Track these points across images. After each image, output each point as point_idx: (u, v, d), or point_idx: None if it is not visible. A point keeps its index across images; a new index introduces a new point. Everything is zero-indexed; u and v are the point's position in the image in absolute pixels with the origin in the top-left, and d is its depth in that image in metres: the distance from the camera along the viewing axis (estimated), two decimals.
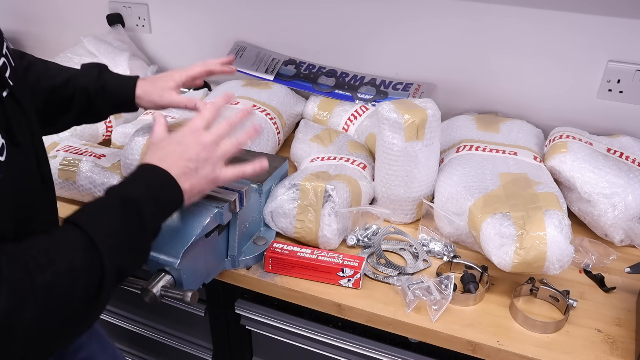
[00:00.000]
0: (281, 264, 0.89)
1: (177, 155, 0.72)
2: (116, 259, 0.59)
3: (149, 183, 0.68)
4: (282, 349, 1.03)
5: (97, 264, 0.57)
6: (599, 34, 1.10)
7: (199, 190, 0.74)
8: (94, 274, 0.57)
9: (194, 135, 0.75)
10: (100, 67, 0.92)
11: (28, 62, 0.88)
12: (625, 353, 0.77)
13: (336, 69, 1.36)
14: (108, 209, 0.63)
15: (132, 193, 0.65)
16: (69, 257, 0.56)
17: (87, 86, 0.89)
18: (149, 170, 0.70)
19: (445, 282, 0.84)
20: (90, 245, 0.58)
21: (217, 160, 0.75)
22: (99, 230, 0.59)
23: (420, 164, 0.96)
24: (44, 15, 1.67)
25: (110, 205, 0.63)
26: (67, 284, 0.54)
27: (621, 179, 0.93)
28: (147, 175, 0.69)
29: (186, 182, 0.71)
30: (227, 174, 0.77)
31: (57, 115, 0.90)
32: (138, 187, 0.67)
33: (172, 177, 0.70)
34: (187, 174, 0.71)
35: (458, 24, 1.20)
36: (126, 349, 1.33)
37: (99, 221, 0.61)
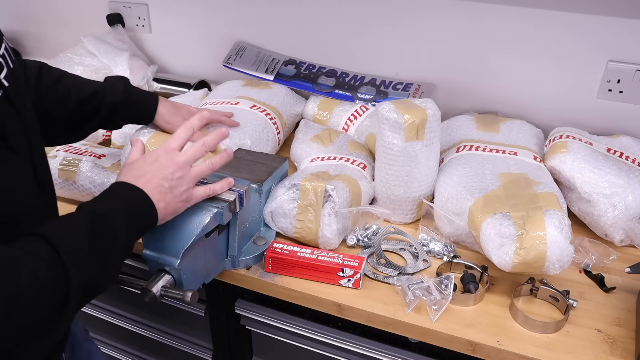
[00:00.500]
0: (281, 264, 0.89)
1: (152, 174, 0.72)
2: (83, 274, 0.59)
3: (123, 199, 0.68)
4: (282, 349, 1.03)
5: (63, 278, 0.56)
6: (599, 34, 1.10)
7: (173, 209, 0.74)
8: (59, 287, 0.56)
9: (169, 155, 0.75)
10: (125, 80, 0.98)
11: (58, 75, 0.92)
12: (625, 353, 0.77)
13: (336, 69, 1.36)
14: (78, 223, 0.62)
15: (105, 208, 0.65)
16: (33, 269, 0.55)
17: (115, 99, 0.94)
18: (123, 188, 0.70)
19: (445, 282, 0.84)
20: (56, 258, 0.57)
21: (190, 180, 0.75)
22: (66, 243, 0.58)
23: (420, 164, 0.96)
24: (44, 15, 1.67)
25: (80, 220, 0.62)
26: (30, 297, 0.53)
27: (621, 179, 0.93)
28: (121, 192, 0.69)
29: (160, 200, 0.71)
30: (199, 193, 0.78)
31: (82, 124, 0.94)
32: (112, 203, 0.67)
33: (146, 194, 0.70)
34: (162, 193, 0.72)
35: (458, 24, 1.20)
36: (126, 349, 1.33)
37: (67, 235, 0.60)
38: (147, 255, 0.77)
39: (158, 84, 1.47)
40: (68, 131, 0.94)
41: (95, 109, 0.93)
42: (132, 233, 0.67)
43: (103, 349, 1.34)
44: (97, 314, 1.27)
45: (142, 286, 0.74)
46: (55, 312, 0.56)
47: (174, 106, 1.02)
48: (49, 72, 0.90)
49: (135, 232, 0.68)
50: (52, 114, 0.87)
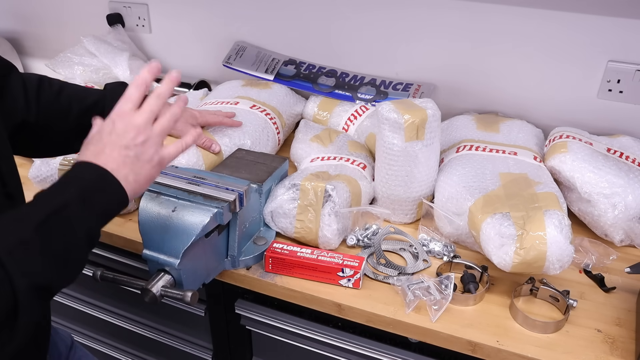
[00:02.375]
0: (281, 264, 0.89)
1: (111, 146, 0.64)
2: (31, 274, 0.54)
3: (80, 184, 0.61)
4: (282, 349, 1.03)
5: (6, 282, 0.52)
6: (599, 34, 1.10)
7: (146, 177, 0.67)
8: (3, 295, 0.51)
9: (124, 119, 0.67)
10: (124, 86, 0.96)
11: (59, 88, 0.90)
12: (625, 353, 0.77)
13: (336, 69, 1.36)
14: (24, 219, 0.56)
15: (59, 200, 0.59)
16: None
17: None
18: (81, 170, 0.63)
19: (445, 282, 0.84)
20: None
21: (156, 141, 0.68)
22: (7, 242, 0.53)
23: (420, 164, 0.96)
24: (44, 16, 1.67)
25: (28, 214, 0.57)
26: None
27: (621, 179, 0.93)
28: (79, 175, 0.62)
29: (129, 173, 0.64)
30: (170, 151, 0.70)
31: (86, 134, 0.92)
32: (67, 191, 0.60)
33: (108, 172, 0.63)
34: (128, 164, 0.64)
35: (458, 24, 1.20)
36: (126, 349, 1.33)
37: (9, 232, 0.54)
38: (147, 255, 0.77)
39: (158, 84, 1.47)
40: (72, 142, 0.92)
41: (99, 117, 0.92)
42: (96, 220, 0.62)
43: (103, 349, 1.34)
44: (97, 314, 1.27)
45: (142, 286, 0.74)
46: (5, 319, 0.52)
47: None
48: (50, 84, 0.90)
49: (101, 217, 0.63)
50: (54, 127, 0.86)
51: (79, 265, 0.61)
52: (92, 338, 1.36)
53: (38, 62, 1.74)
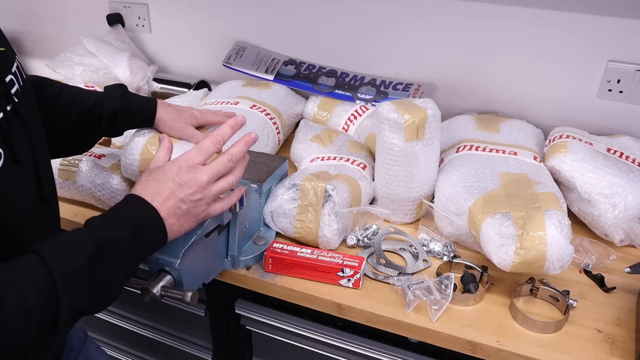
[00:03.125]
0: (281, 264, 0.89)
1: (169, 192, 0.68)
2: (76, 301, 0.56)
3: (133, 222, 0.64)
4: (282, 349, 1.03)
5: (52, 303, 0.54)
6: (599, 34, 1.10)
7: (187, 229, 0.71)
8: (48, 314, 0.54)
9: (191, 172, 0.70)
10: (122, 88, 0.97)
11: (59, 89, 0.91)
12: (625, 353, 0.77)
13: (336, 69, 1.36)
14: (80, 246, 0.59)
15: (114, 233, 0.62)
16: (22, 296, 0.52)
17: (113, 108, 0.93)
18: (136, 206, 0.67)
19: (445, 282, 0.84)
20: (50, 282, 0.54)
21: (209, 200, 0.72)
22: (62, 266, 0.56)
23: (420, 164, 0.96)
24: (44, 15, 1.67)
25: (84, 242, 0.59)
26: (17, 326, 0.51)
27: (621, 179, 0.93)
28: (133, 212, 0.66)
29: (174, 223, 0.68)
30: (216, 209, 0.74)
31: (86, 135, 0.94)
32: (121, 226, 0.63)
33: (159, 217, 0.67)
34: (177, 215, 0.68)
35: (458, 24, 1.20)
36: (126, 349, 1.33)
37: (66, 257, 0.57)
38: None
39: (158, 84, 1.47)
40: (72, 144, 0.94)
41: (97, 120, 0.93)
42: (136, 258, 0.65)
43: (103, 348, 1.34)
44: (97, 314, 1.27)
45: (142, 286, 0.74)
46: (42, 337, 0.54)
47: (176, 110, 1.01)
48: (51, 86, 0.90)
49: (140, 256, 0.66)
50: (54, 128, 0.87)
51: (113, 297, 0.63)
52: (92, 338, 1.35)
53: (38, 62, 1.74)
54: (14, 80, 0.65)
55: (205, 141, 0.73)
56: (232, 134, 0.76)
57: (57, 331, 0.55)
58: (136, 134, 1.01)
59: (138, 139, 0.99)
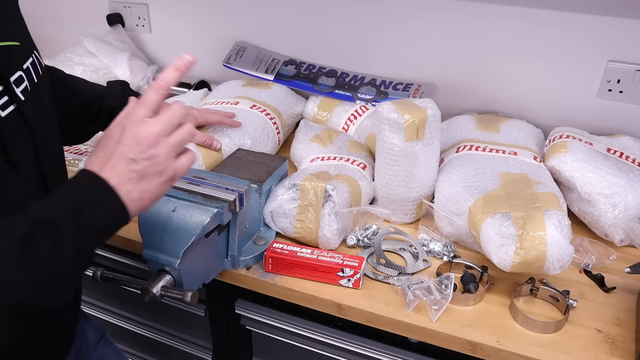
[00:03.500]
0: (281, 264, 0.89)
1: (117, 156, 0.58)
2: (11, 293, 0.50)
3: (75, 200, 0.56)
4: (282, 349, 1.03)
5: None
6: (599, 34, 1.10)
7: (153, 195, 0.61)
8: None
9: (134, 127, 0.59)
10: (123, 85, 0.96)
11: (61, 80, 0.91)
12: (625, 353, 0.77)
13: (336, 69, 1.36)
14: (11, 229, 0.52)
15: (51, 212, 0.54)
16: None
17: (113, 104, 0.92)
18: (82, 182, 0.58)
19: (445, 282, 0.84)
20: None
21: (168, 155, 0.61)
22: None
23: (420, 164, 0.96)
24: (44, 15, 1.67)
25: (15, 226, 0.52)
26: None
27: (621, 179, 0.93)
28: (78, 188, 0.57)
29: (132, 190, 0.58)
30: (183, 165, 0.63)
31: (83, 128, 0.94)
32: (60, 207, 0.55)
33: (110, 188, 0.57)
34: (132, 180, 0.58)
35: (458, 24, 1.20)
36: (126, 349, 1.33)
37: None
38: (147, 255, 0.77)
39: None
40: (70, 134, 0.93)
41: (95, 114, 0.93)
42: (87, 239, 0.56)
43: None
44: (96, 314, 1.27)
45: (142, 286, 0.74)
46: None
47: None
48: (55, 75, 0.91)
49: (94, 236, 0.57)
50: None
51: (66, 285, 0.56)
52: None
53: None
54: (24, 77, 0.62)
55: (148, 92, 0.62)
56: (178, 75, 0.63)
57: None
58: None
59: None
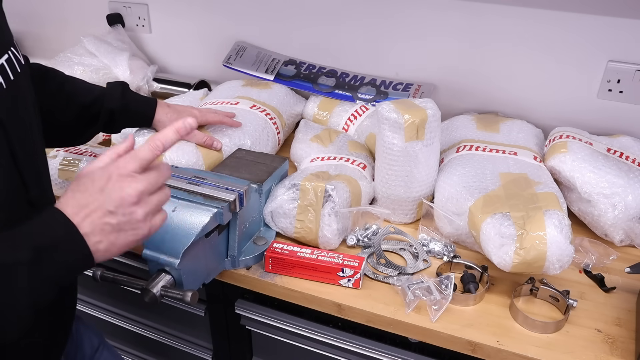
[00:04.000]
0: (281, 264, 0.89)
1: (96, 205, 0.57)
2: None
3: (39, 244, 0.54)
4: (282, 349, 1.03)
5: None
6: (599, 34, 1.10)
7: (120, 248, 0.60)
8: None
9: (123, 181, 0.58)
10: (123, 86, 0.97)
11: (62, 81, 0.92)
12: (625, 353, 0.77)
13: (336, 69, 1.36)
14: None
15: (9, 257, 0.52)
16: None
17: (112, 106, 0.93)
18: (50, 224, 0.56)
19: (445, 282, 0.84)
20: None
21: (147, 214, 0.60)
22: None
23: (420, 164, 0.96)
24: (45, 15, 1.67)
25: None
26: None
27: (621, 179, 0.93)
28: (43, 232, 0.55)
29: (101, 241, 0.57)
30: (156, 224, 0.62)
31: (83, 129, 0.94)
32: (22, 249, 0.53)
33: (79, 235, 0.56)
34: (105, 232, 0.57)
35: (458, 24, 1.20)
36: (126, 349, 1.33)
37: None
38: (147, 255, 0.77)
39: (158, 84, 1.47)
40: (70, 136, 0.94)
41: (95, 116, 0.93)
42: (46, 283, 0.55)
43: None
44: (97, 314, 1.27)
45: (142, 286, 0.74)
46: None
47: (175, 111, 1.01)
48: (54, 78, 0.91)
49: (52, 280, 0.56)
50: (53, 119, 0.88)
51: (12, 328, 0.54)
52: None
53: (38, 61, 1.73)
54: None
55: (142, 147, 0.61)
56: (176, 138, 0.63)
57: None
58: (136, 134, 1.01)
59: (137, 140, 0.99)
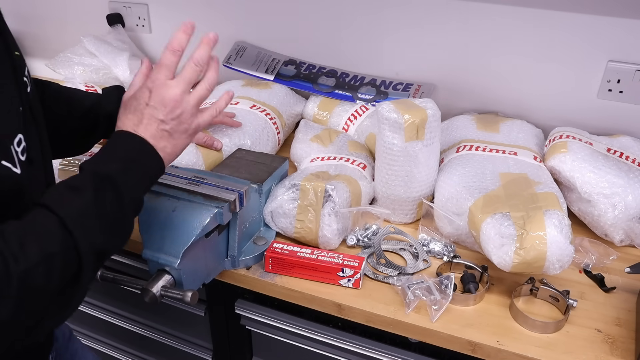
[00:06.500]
0: (281, 264, 0.89)
1: (148, 118, 0.67)
2: (93, 240, 0.58)
3: (125, 155, 0.65)
4: (282, 349, 1.03)
5: (72, 247, 0.56)
6: (599, 34, 1.10)
7: (181, 147, 0.71)
8: (70, 259, 0.56)
9: (160, 90, 0.68)
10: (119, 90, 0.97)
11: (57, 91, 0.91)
12: (625, 353, 0.77)
13: (336, 69, 1.36)
14: (80, 188, 0.60)
15: (106, 169, 0.62)
16: (42, 244, 0.54)
17: (110, 111, 0.93)
18: (123, 140, 0.67)
19: (445, 282, 0.84)
20: (63, 229, 0.56)
21: (192, 112, 0.71)
22: (71, 211, 0.57)
23: (420, 164, 0.96)
24: (45, 15, 1.67)
25: (83, 184, 0.61)
26: (43, 272, 0.53)
27: (621, 179, 0.93)
28: (122, 146, 0.66)
29: (166, 146, 0.68)
30: (205, 119, 0.73)
31: (85, 137, 0.94)
32: (114, 162, 0.64)
33: (148, 144, 0.66)
34: (164, 137, 0.68)
35: (458, 24, 1.20)
36: (126, 349, 1.33)
37: (71, 202, 0.58)
38: (147, 255, 0.77)
39: None
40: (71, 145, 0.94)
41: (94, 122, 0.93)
42: (138, 188, 0.65)
43: (103, 349, 1.34)
44: (97, 313, 1.27)
45: (142, 286, 0.74)
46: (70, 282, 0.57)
47: None
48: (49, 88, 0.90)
49: (141, 186, 0.66)
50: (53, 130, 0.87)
51: (127, 230, 0.65)
52: (92, 338, 1.36)
53: (38, 62, 1.74)
54: (27, 82, 0.67)
55: (163, 55, 0.70)
56: (187, 38, 0.72)
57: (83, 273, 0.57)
58: None
59: None
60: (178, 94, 0.69)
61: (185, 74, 0.71)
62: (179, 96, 0.69)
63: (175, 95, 0.68)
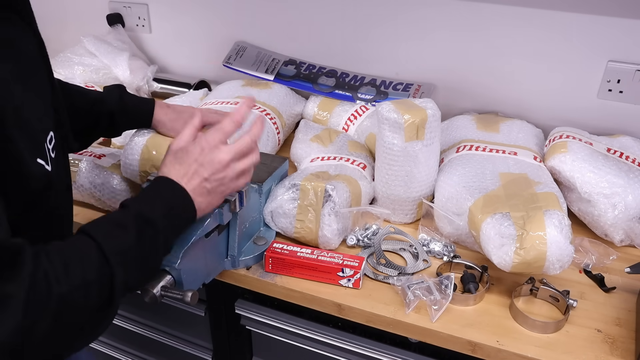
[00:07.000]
0: (281, 264, 0.89)
1: (193, 172, 0.72)
2: (126, 276, 0.61)
3: (168, 203, 0.69)
4: (282, 349, 1.03)
5: (108, 279, 0.59)
6: (598, 34, 1.10)
7: (213, 206, 0.76)
8: (105, 289, 0.59)
9: (212, 152, 0.74)
10: (120, 89, 0.98)
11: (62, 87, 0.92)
12: (625, 353, 0.77)
13: (336, 69, 1.36)
14: (125, 226, 0.63)
15: (151, 213, 0.66)
16: (83, 270, 0.56)
17: (111, 109, 0.94)
18: (167, 187, 0.71)
19: (445, 282, 0.84)
20: (104, 260, 0.59)
21: (234, 178, 0.76)
22: (114, 246, 0.60)
23: (420, 164, 0.96)
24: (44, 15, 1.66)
25: (127, 222, 0.64)
26: (80, 297, 0.56)
27: (621, 179, 0.93)
28: (165, 192, 0.70)
29: (202, 201, 0.73)
30: (240, 184, 0.78)
31: (84, 135, 0.95)
32: (157, 207, 0.67)
33: (188, 196, 0.71)
34: (203, 194, 0.73)
35: (458, 25, 1.20)
36: (126, 349, 1.33)
37: (115, 238, 0.61)
38: None
39: (158, 84, 1.47)
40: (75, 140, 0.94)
41: (94, 120, 0.93)
42: (172, 235, 0.69)
43: (103, 349, 1.34)
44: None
45: None
46: (100, 311, 0.59)
47: (175, 111, 1.00)
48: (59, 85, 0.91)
49: (175, 233, 0.71)
50: None
51: (154, 272, 0.70)
52: None
53: None
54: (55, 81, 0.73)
55: (225, 121, 0.76)
56: (249, 112, 0.79)
57: (112, 305, 0.60)
58: (136, 134, 1.01)
59: (138, 139, 0.99)
60: (227, 160, 0.74)
61: (239, 146, 0.76)
62: (227, 162, 0.74)
63: (224, 161, 0.74)
